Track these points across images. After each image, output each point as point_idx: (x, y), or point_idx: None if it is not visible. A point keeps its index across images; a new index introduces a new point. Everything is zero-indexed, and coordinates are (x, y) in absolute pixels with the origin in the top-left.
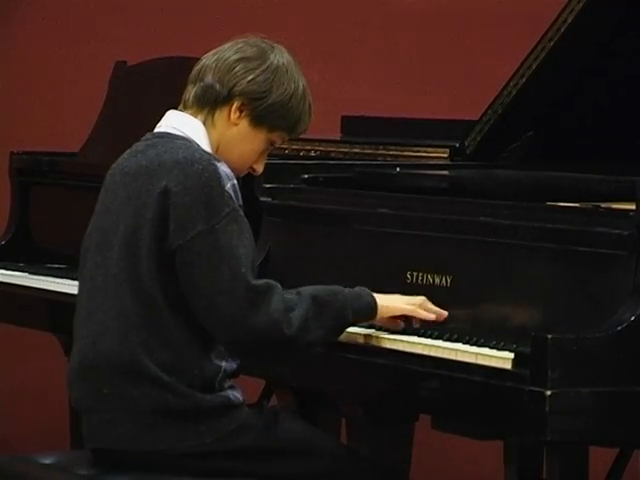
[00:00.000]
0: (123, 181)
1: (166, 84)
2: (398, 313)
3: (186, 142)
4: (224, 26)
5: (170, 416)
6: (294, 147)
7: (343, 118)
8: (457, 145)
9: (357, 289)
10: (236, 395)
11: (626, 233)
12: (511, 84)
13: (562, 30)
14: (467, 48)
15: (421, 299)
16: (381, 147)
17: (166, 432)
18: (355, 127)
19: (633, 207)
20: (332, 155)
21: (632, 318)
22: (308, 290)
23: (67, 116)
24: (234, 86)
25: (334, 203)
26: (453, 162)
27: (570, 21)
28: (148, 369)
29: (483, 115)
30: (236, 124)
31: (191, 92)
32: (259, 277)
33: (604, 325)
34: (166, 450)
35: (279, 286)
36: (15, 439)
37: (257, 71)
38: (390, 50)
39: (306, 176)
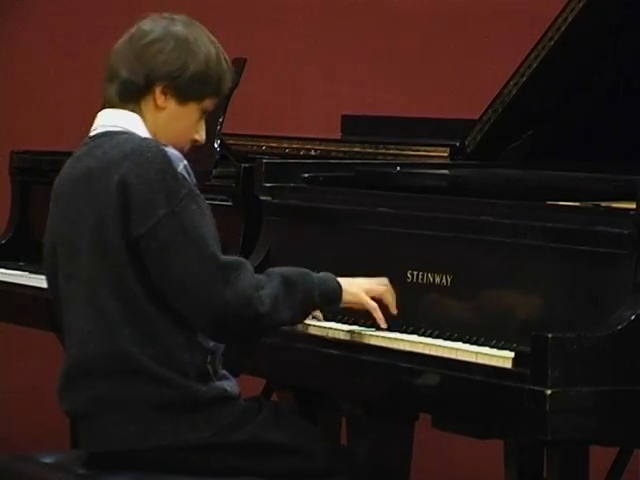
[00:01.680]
0: (74, 188)
1: None
2: (359, 306)
3: (129, 135)
4: (224, 26)
5: (167, 411)
6: (294, 146)
7: (343, 117)
8: (457, 144)
9: (322, 274)
10: (232, 386)
11: (626, 232)
12: (511, 83)
13: (562, 29)
14: (467, 47)
15: (385, 281)
16: (381, 146)
17: (164, 428)
18: (355, 126)
19: (633, 206)
20: (332, 154)
21: (632, 317)
22: (276, 270)
23: (67, 115)
24: (150, 72)
25: (334, 202)
26: (453, 161)
27: (570, 20)
28: (140, 363)
29: (483, 114)
30: (164, 107)
31: (112, 91)
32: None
33: (604, 324)
34: (165, 446)
35: (248, 263)
36: (15, 438)
37: (166, 50)
38: (390, 49)
39: (306, 175)
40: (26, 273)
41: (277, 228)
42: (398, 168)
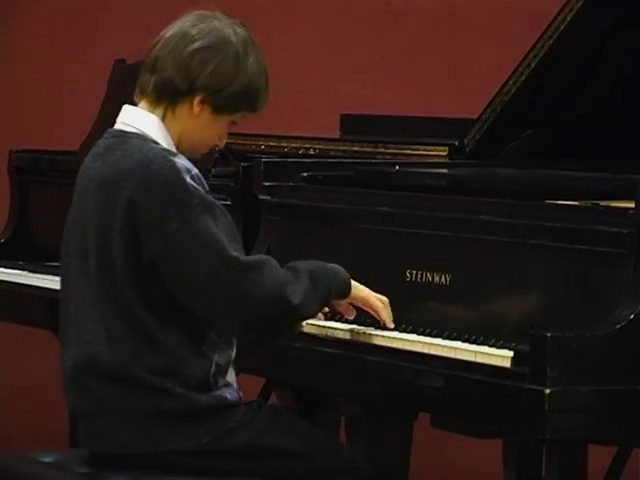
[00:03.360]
0: (90, 190)
1: None
2: (366, 300)
3: (139, 140)
4: None
5: (166, 418)
6: (293, 145)
7: (342, 116)
8: (456, 143)
9: (333, 266)
10: (233, 394)
11: (625, 231)
12: (510, 82)
13: (561, 28)
14: (466, 46)
15: (385, 300)
16: (380, 145)
17: (163, 434)
18: (354, 125)
19: (632, 205)
20: (331, 153)
21: (631, 316)
22: (301, 265)
23: (66, 114)
24: (194, 80)
25: (333, 201)
26: (452, 160)
27: (569, 19)
28: (140, 376)
29: (482, 113)
30: (199, 116)
31: (150, 82)
32: None
33: (603, 323)
34: (163, 452)
35: (273, 259)
36: (14, 437)
37: (216, 61)
38: (389, 48)
39: (305, 174)
40: (25, 272)
41: (276, 227)
42: (397, 167)
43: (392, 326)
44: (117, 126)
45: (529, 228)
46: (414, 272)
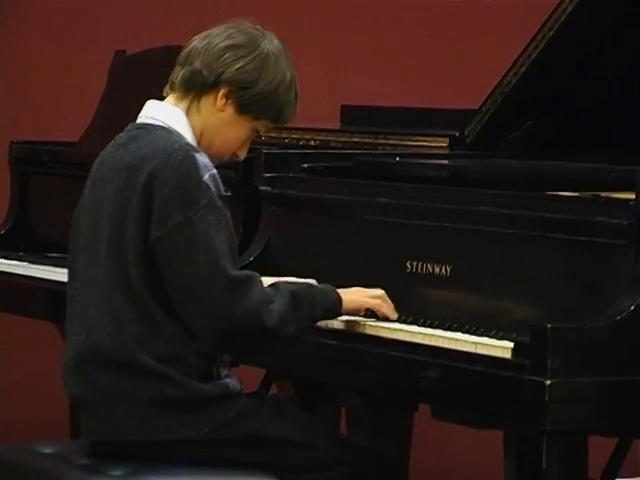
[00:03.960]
0: (108, 177)
1: (166, 74)
2: (364, 307)
3: (166, 132)
4: (224, 15)
5: (168, 406)
6: (294, 136)
7: (342, 107)
8: (457, 134)
9: (323, 286)
10: (234, 384)
11: (626, 223)
12: (511, 73)
13: (562, 19)
14: (467, 37)
15: (381, 292)
16: (381, 136)
17: (164, 422)
18: (355, 116)
19: (633, 197)
20: (332, 144)
21: (632, 307)
22: (285, 285)
23: (67, 105)
24: (222, 73)
25: (333, 192)
26: (453, 151)
27: (570, 10)
28: (144, 363)
29: (483, 104)
30: (222, 110)
31: (179, 75)
32: (259, 264)
33: (604, 314)
34: (163, 440)
35: (259, 277)
36: (14, 429)
37: (246, 59)
38: (390, 39)
39: (306, 165)
40: (25, 263)
41: (276, 218)
42: (397, 158)
43: (395, 317)
44: (141, 120)
45: (529, 219)
46: (414, 263)
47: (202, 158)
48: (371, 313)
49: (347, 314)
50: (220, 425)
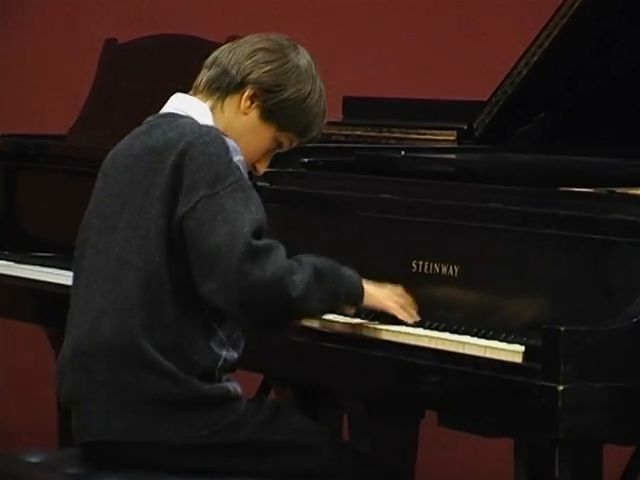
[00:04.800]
0: (125, 164)
1: (159, 63)
2: (380, 308)
3: (191, 120)
4: (220, 3)
5: (167, 405)
6: None
7: (345, 99)
8: (465, 127)
9: (349, 271)
10: (235, 387)
11: None
12: (522, 63)
13: (575, 6)
14: (476, 25)
15: (404, 295)
16: (385, 129)
17: (162, 422)
18: (357, 108)
19: None
20: (333, 138)
21: None
22: (309, 259)
23: (55, 97)
24: (249, 74)
25: (335, 188)
26: (461, 145)
27: None
28: (147, 352)
29: (492, 96)
30: (245, 113)
31: (204, 76)
32: None
33: (619, 317)
34: (160, 442)
35: (282, 247)
36: (0, 437)
37: (275, 63)
38: (395, 27)
39: (306, 160)
40: (12, 263)
41: (275, 215)
42: (402, 152)
43: (411, 321)
44: (164, 110)
45: (541, 216)
46: (420, 263)
47: (232, 142)
48: (375, 315)
49: (367, 307)
50: (218, 429)
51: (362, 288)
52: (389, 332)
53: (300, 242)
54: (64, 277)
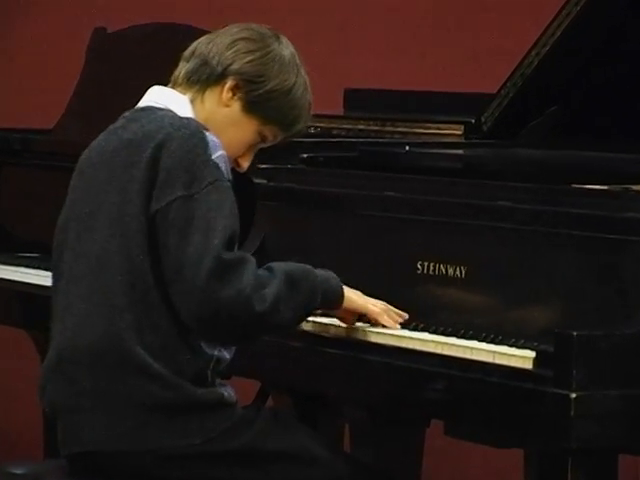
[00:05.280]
0: (102, 160)
1: (151, 53)
2: (361, 309)
3: (170, 112)
4: None
5: (159, 411)
6: None
7: (346, 91)
8: (473, 121)
9: (324, 272)
10: (230, 393)
11: None
12: (532, 53)
13: None
14: (484, 13)
15: (383, 304)
16: (388, 123)
17: (154, 429)
18: (359, 101)
19: None
20: (334, 132)
21: None
22: (280, 267)
23: (40, 89)
24: (231, 64)
25: (336, 185)
26: (468, 140)
27: None
28: (135, 354)
29: (501, 88)
30: (227, 105)
31: (183, 68)
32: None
33: (635, 321)
34: (152, 451)
35: (253, 260)
36: None
37: (258, 53)
38: (399, 16)
39: (305, 155)
40: None
41: (272, 215)
42: (407, 148)
43: (396, 327)
44: (142, 104)
45: (553, 215)
46: (426, 264)
47: (212, 137)
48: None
49: (349, 308)
50: (213, 436)
51: (341, 287)
52: (393, 337)
53: (299, 243)
54: (50, 279)
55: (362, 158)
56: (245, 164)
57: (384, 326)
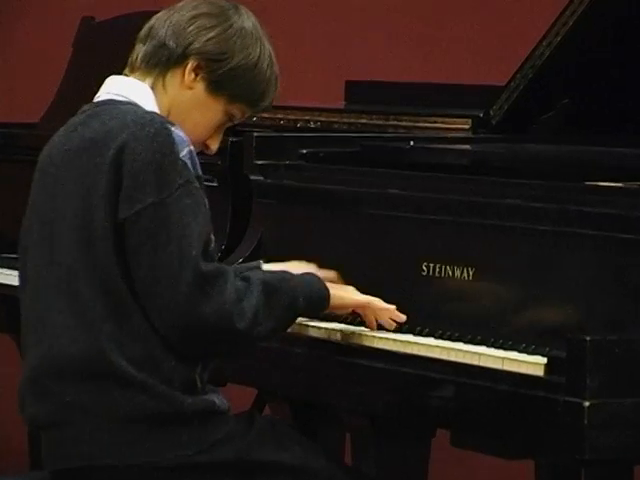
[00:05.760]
0: (64, 160)
1: None
2: (351, 306)
3: (133, 107)
4: None
5: (146, 422)
6: (290, 117)
7: (347, 84)
8: (481, 115)
9: (307, 276)
10: (222, 400)
11: None
12: (544, 44)
13: None
14: (492, 2)
15: (377, 300)
16: (392, 117)
17: (142, 441)
18: (361, 94)
19: None
20: (335, 127)
21: None
22: (257, 276)
23: (25, 81)
24: (190, 44)
25: (337, 182)
26: (476, 135)
27: None
28: (118, 366)
29: (511, 80)
30: (191, 88)
31: (139, 51)
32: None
33: None
34: (141, 464)
35: (231, 271)
36: None
37: (218, 29)
38: (403, 5)
39: (304, 151)
40: None
41: (270, 212)
42: (411, 143)
43: (391, 328)
44: (101, 98)
45: (565, 214)
46: (431, 265)
47: (178, 132)
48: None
49: (337, 309)
50: (205, 447)
51: (326, 289)
52: (397, 342)
53: (298, 243)
54: None
55: (364, 154)
56: (214, 146)
57: (380, 326)
